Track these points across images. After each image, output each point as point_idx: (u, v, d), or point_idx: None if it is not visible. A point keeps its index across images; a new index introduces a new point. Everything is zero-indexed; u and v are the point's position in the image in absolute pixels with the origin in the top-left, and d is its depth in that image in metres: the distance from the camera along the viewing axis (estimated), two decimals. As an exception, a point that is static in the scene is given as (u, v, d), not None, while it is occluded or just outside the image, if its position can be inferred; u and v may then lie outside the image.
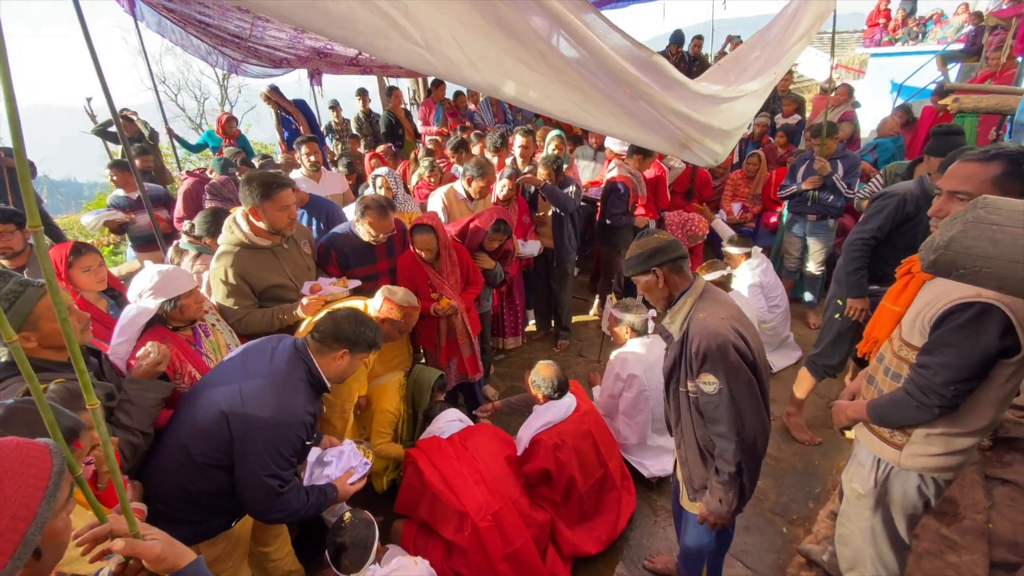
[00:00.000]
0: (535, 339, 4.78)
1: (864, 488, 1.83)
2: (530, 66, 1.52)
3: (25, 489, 0.82)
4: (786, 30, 2.93)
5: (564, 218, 4.16)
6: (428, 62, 1.30)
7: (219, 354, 2.39)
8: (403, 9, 1.21)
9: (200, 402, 1.85)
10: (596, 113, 1.77)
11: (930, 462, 1.64)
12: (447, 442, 2.60)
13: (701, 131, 2.12)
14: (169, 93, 15.46)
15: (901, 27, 10.97)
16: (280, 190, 2.50)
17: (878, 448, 1.77)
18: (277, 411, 1.79)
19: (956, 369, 1.47)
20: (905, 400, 1.59)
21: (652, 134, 2.00)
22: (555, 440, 2.55)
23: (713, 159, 2.33)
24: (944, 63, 8.92)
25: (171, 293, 2.14)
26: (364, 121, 7.12)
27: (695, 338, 1.71)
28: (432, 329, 3.08)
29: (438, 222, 3.06)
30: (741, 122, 2.50)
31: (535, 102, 1.60)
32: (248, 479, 1.77)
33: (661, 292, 1.83)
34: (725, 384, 1.66)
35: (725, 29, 8.93)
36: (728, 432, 1.70)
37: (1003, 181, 1.44)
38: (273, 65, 6.20)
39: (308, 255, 2.89)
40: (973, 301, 1.41)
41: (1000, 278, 0.79)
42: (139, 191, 3.53)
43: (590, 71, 1.68)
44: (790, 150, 5.79)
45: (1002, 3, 8.34)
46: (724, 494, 1.78)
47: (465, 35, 1.35)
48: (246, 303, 2.55)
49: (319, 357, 1.96)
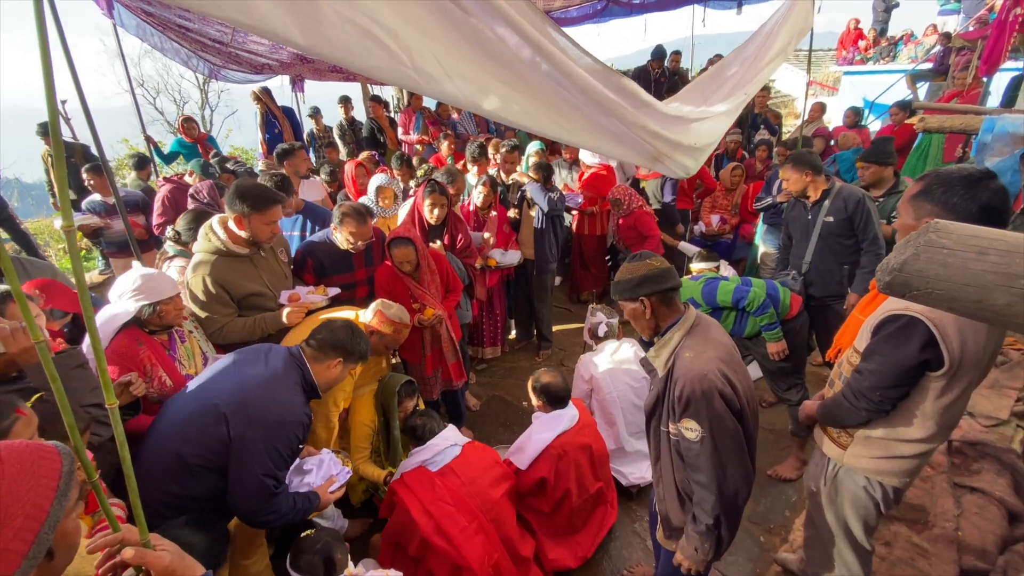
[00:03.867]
0: (516, 349, 4.79)
1: (816, 485, 1.91)
2: (509, 85, 1.59)
3: (37, 489, 0.83)
4: (762, 48, 3.03)
5: (546, 228, 4.20)
6: (415, 82, 1.39)
7: (194, 361, 2.36)
8: (394, 36, 1.31)
9: (193, 404, 1.86)
10: (572, 128, 1.84)
11: (871, 464, 1.71)
12: (440, 480, 2.34)
13: (671, 146, 2.21)
14: (148, 96, 15.20)
15: (873, 47, 11.33)
16: (271, 206, 2.50)
17: (828, 447, 1.85)
18: (277, 409, 1.84)
19: (880, 376, 1.56)
20: (841, 401, 1.69)
21: (625, 147, 2.07)
22: (558, 450, 2.51)
23: (684, 172, 2.43)
24: (913, 82, 9.24)
25: (153, 297, 2.12)
26: (347, 128, 7.09)
27: (679, 380, 1.60)
28: (416, 340, 3.06)
29: (415, 233, 3.05)
30: (711, 139, 2.60)
31: (515, 117, 1.67)
32: (246, 477, 1.78)
33: (648, 322, 1.72)
34: (708, 433, 1.56)
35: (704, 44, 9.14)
36: (708, 482, 1.61)
37: (914, 199, 1.53)
38: (255, 71, 6.15)
39: (285, 263, 2.86)
40: (901, 314, 1.50)
41: (951, 299, 0.83)
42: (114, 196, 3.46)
43: (565, 89, 1.75)
44: (768, 164, 5.94)
45: (968, 25, 8.68)
46: (700, 544, 1.69)
47: (448, 57, 1.43)
48: (226, 311, 2.52)
49: (314, 364, 2.02)
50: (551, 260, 4.34)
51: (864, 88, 10.54)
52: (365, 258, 3.08)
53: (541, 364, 4.52)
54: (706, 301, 3.00)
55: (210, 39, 5.31)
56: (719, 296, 2.96)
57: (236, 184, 2.55)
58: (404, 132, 6.95)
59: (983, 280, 0.81)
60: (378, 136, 6.96)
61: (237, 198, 2.44)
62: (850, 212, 3.14)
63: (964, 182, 1.43)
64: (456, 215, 3.67)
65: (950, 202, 1.43)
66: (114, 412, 0.98)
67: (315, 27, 1.23)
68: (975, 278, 0.81)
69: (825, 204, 3.22)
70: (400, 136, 7.03)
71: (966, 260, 0.82)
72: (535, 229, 4.21)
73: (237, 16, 1.16)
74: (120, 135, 11.30)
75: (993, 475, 2.72)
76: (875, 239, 3.12)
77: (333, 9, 1.24)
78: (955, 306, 0.83)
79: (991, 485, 2.64)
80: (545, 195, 4.11)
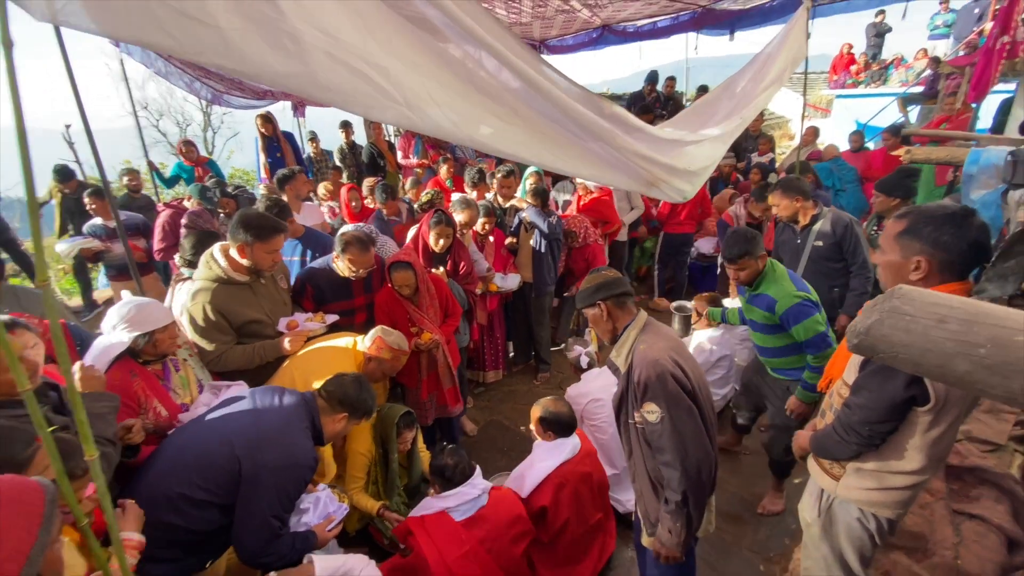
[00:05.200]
0: (515, 372, 4.78)
1: (811, 516, 1.90)
2: (501, 118, 1.63)
3: (26, 516, 0.90)
4: (758, 74, 3.09)
5: (544, 253, 4.23)
6: (409, 119, 1.41)
7: (188, 389, 2.35)
8: (385, 74, 1.33)
9: (207, 439, 1.88)
10: (566, 157, 1.88)
11: (864, 495, 1.71)
12: (466, 534, 2.25)
13: (666, 171, 2.23)
14: (151, 119, 15.40)
15: (864, 71, 11.56)
16: (274, 235, 2.53)
17: (821, 478, 1.85)
18: (290, 452, 1.87)
19: (869, 411, 1.57)
20: (832, 435, 1.70)
21: (620, 174, 2.10)
22: (559, 479, 2.50)
23: (682, 196, 2.45)
24: (904, 105, 9.41)
25: (147, 327, 2.12)
26: (348, 153, 7.18)
27: (637, 368, 1.81)
28: (413, 364, 3.07)
29: (414, 257, 3.08)
30: (707, 163, 2.63)
31: (511, 148, 1.71)
32: (253, 517, 1.80)
33: (606, 325, 1.96)
34: (667, 412, 1.75)
35: (697, 69, 9.31)
36: (672, 460, 1.77)
37: (901, 237, 1.53)
38: (256, 97, 6.26)
39: (284, 290, 2.88)
40: None
41: (915, 364, 0.85)
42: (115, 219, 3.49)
43: (557, 121, 1.79)
44: (763, 187, 6.02)
45: (958, 49, 8.87)
46: (672, 523, 1.84)
47: (441, 92, 1.46)
48: (225, 339, 2.53)
49: (323, 415, 2.07)
50: (549, 283, 4.36)
51: (856, 111, 10.73)
52: (364, 285, 3.11)
53: (539, 387, 4.51)
54: (791, 317, 2.56)
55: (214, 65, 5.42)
56: (805, 323, 2.54)
57: (240, 213, 2.58)
58: (404, 156, 7.03)
59: (944, 347, 0.82)
60: (378, 160, 7.05)
61: (241, 227, 2.47)
62: (839, 236, 3.22)
63: (952, 220, 1.45)
64: (460, 242, 3.70)
65: (940, 240, 1.44)
66: (29, 398, 0.99)
67: (303, 69, 1.25)
68: (936, 345, 0.83)
69: (815, 228, 3.30)
70: (400, 160, 7.11)
71: (927, 327, 0.84)
72: (534, 252, 4.24)
73: (220, 61, 1.18)
74: (122, 157, 11.40)
75: (992, 501, 2.70)
76: (864, 263, 3.18)
77: (322, 51, 1.26)
78: (919, 370, 0.85)
79: (990, 512, 2.62)
80: (544, 218, 4.16)
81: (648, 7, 5.67)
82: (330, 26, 1.24)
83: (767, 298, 2.62)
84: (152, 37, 1.09)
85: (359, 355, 2.64)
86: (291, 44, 1.21)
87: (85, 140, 2.88)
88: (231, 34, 1.13)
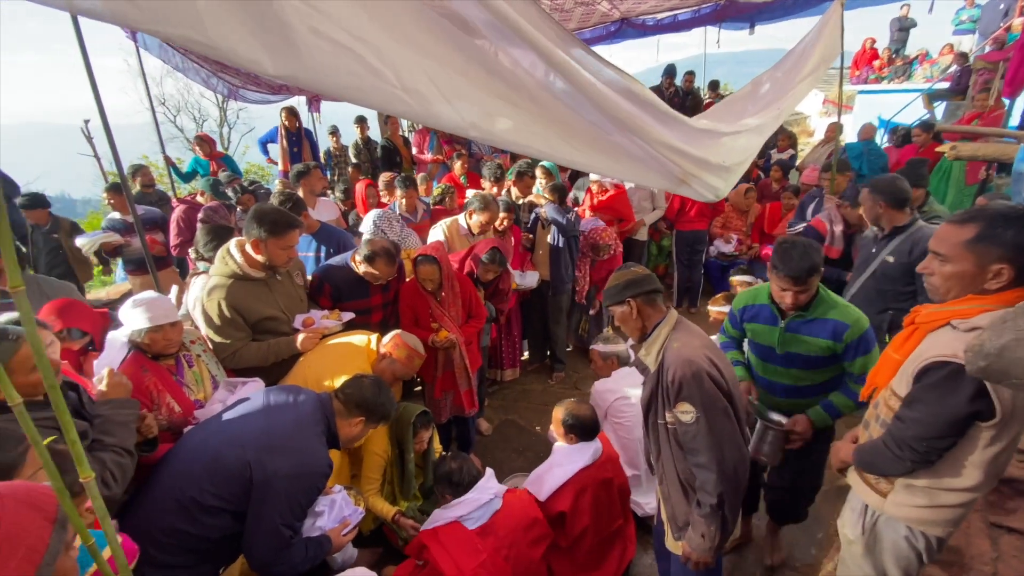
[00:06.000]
0: (530, 370, 4.72)
1: (853, 534, 1.79)
2: (517, 106, 1.49)
3: (37, 522, 0.89)
4: (795, 66, 2.97)
5: (562, 249, 4.16)
6: (407, 104, 1.27)
7: (202, 385, 2.32)
8: (376, 52, 1.18)
9: (219, 444, 1.84)
10: (589, 153, 1.76)
11: (914, 513, 1.61)
12: (482, 543, 2.16)
13: (698, 165, 2.10)
14: (168, 114, 15.56)
15: (887, 66, 11.28)
16: (289, 230, 2.49)
17: (865, 493, 1.74)
18: (302, 460, 1.82)
19: (926, 426, 1.46)
20: (882, 450, 1.59)
21: (647, 171, 1.99)
22: (579, 484, 2.43)
23: (714, 195, 2.28)
24: (930, 101, 9.16)
25: (158, 320, 2.08)
26: (362, 148, 7.15)
27: (670, 367, 1.74)
28: (429, 361, 3.02)
29: (442, 253, 3.03)
30: (743, 157, 2.48)
31: (525, 140, 1.57)
32: (264, 526, 1.76)
33: (635, 323, 1.88)
34: (702, 412, 1.68)
35: (713, 64, 9.14)
36: (708, 462, 1.71)
37: (976, 245, 1.41)
38: (272, 91, 6.25)
39: (300, 287, 2.85)
40: (947, 361, 1.40)
41: None
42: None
43: (581, 108, 1.66)
44: (784, 184, 5.88)
45: (985, 45, 8.61)
46: (706, 528, 1.77)
47: (444, 76, 1.33)
48: (240, 336, 2.49)
49: (339, 418, 2.02)
50: (566, 280, 4.29)
51: (879, 107, 10.48)
52: (382, 285, 3.06)
53: (554, 387, 4.45)
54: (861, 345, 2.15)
55: (230, 60, 5.42)
56: (873, 353, 2.14)
57: (254, 208, 2.55)
58: (418, 151, 6.99)
59: None
60: (393, 156, 7.01)
61: (255, 223, 2.44)
62: (914, 258, 2.72)
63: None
64: (507, 271, 3.64)
65: (1022, 243, 1.33)
66: (20, 412, 0.93)
67: (284, 47, 1.09)
68: None
69: (893, 242, 2.84)
70: (414, 156, 7.07)
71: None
72: (552, 249, 4.17)
73: (189, 33, 1.01)
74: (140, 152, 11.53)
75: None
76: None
77: (306, 25, 1.10)
78: None
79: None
80: (563, 215, 4.08)
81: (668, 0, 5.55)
82: (334, 13, 1.13)
83: (833, 324, 2.13)
84: (115, 7, 0.93)
85: (373, 354, 2.60)
86: (271, 18, 1.07)
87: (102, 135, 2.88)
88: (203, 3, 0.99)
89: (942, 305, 1.54)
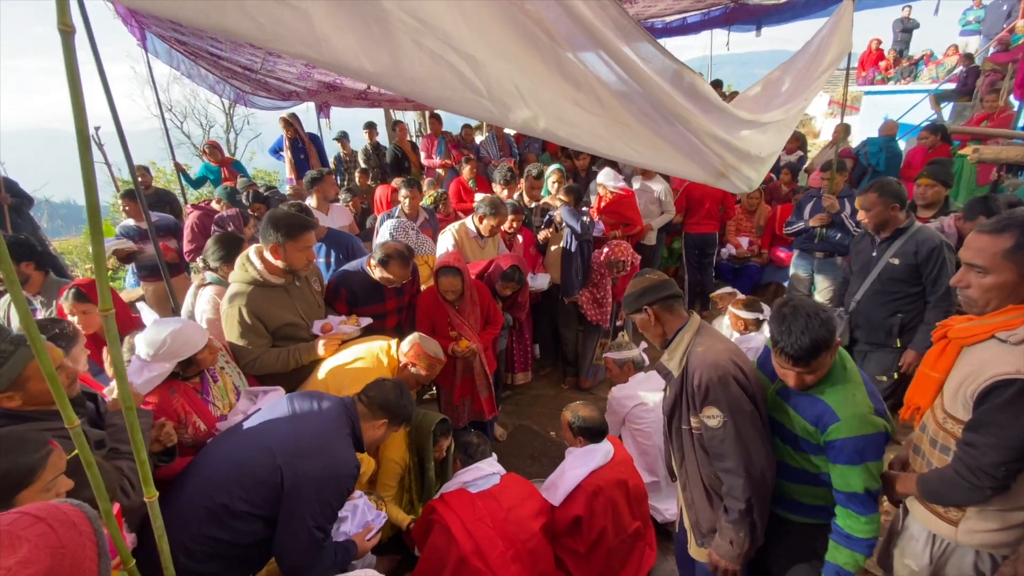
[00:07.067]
0: (542, 374, 4.71)
1: (918, 565, 1.71)
2: (583, 107, 1.54)
3: (84, 543, 0.86)
4: (812, 62, 2.96)
5: (574, 252, 4.15)
6: (490, 112, 1.34)
7: (227, 399, 2.32)
8: (472, 64, 1.25)
9: (247, 450, 1.85)
10: (640, 148, 1.78)
11: (987, 538, 1.54)
12: (481, 502, 2.32)
13: (739, 157, 2.12)
14: (175, 120, 15.63)
15: (893, 67, 11.27)
16: (305, 232, 2.50)
17: (933, 524, 1.64)
18: (331, 461, 1.84)
19: (1004, 450, 1.38)
20: (955, 480, 1.49)
21: (691, 164, 2.00)
22: (593, 487, 2.43)
23: (748, 186, 2.31)
24: (937, 102, 9.13)
25: (185, 354, 2.04)
26: (372, 154, 7.18)
27: (695, 372, 1.71)
28: (448, 367, 3.02)
29: (464, 264, 3.03)
30: (772, 149, 2.50)
31: (587, 142, 1.62)
32: (297, 530, 1.77)
33: (655, 329, 1.88)
34: (729, 417, 1.66)
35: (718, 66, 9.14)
36: (735, 467, 1.68)
37: (1016, 254, 1.38)
38: (282, 97, 6.26)
39: (318, 292, 2.86)
40: (1014, 378, 1.34)
41: None
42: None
43: (635, 103, 1.69)
44: (793, 186, 5.87)
45: (989, 47, 8.60)
46: (735, 534, 1.74)
47: (526, 82, 1.38)
48: (261, 342, 2.50)
49: (363, 420, 2.04)
50: (577, 284, 4.28)
51: (885, 108, 10.45)
52: (396, 290, 3.06)
53: (567, 391, 4.44)
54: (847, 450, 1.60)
55: (240, 66, 5.44)
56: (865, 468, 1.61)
57: (269, 214, 2.55)
58: (427, 156, 7.01)
59: None
60: (402, 161, 7.04)
61: (271, 228, 2.44)
62: (920, 259, 2.72)
63: None
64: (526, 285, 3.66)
65: None
66: (77, 432, 0.94)
67: (388, 60, 1.16)
68: None
69: (895, 243, 2.83)
70: (423, 161, 7.09)
71: None
72: (564, 251, 4.16)
73: (304, 50, 1.08)
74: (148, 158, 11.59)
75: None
76: (946, 294, 2.70)
77: (411, 39, 1.17)
78: None
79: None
80: (578, 218, 4.07)
81: (679, 3, 5.56)
82: (422, 10, 1.17)
83: (821, 406, 1.64)
84: (238, 23, 0.99)
85: (393, 361, 2.59)
86: (378, 28, 1.13)
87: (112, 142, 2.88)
88: (319, 19, 1.05)
89: (978, 318, 1.50)
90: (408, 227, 3.36)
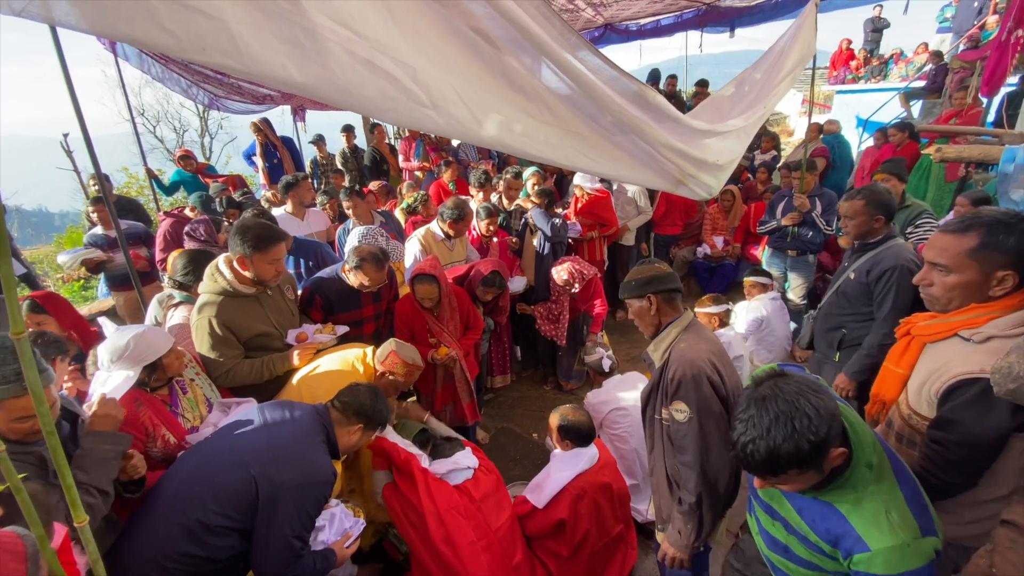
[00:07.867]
0: (523, 377, 4.70)
1: None
2: (534, 116, 1.53)
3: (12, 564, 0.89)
4: (774, 66, 3.00)
5: (546, 254, 4.16)
6: (434, 121, 1.30)
7: (198, 411, 2.26)
8: (411, 74, 1.21)
9: (216, 462, 1.81)
10: (595, 157, 1.79)
11: (958, 531, 1.56)
12: (457, 494, 2.37)
13: (696, 165, 2.15)
14: (148, 125, 15.30)
15: (863, 66, 11.51)
16: (274, 244, 2.44)
17: None
18: (308, 469, 1.82)
19: (970, 447, 1.40)
20: (924, 477, 1.49)
21: (648, 172, 2.02)
22: (577, 490, 2.43)
23: (707, 192, 2.36)
24: (907, 100, 9.35)
25: (150, 358, 2.00)
26: (349, 157, 7.11)
27: (673, 365, 1.77)
28: (428, 374, 3.00)
29: (439, 270, 3.01)
30: (732, 157, 2.53)
31: (539, 151, 1.61)
32: (275, 540, 1.74)
33: (652, 319, 1.91)
34: (696, 414, 1.71)
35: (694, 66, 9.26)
36: (693, 462, 1.75)
37: (979, 254, 1.39)
38: (256, 101, 6.19)
39: (292, 301, 2.81)
40: (976, 378, 1.36)
41: None
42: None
43: (588, 114, 1.69)
44: (768, 185, 5.97)
45: (959, 44, 8.82)
46: (683, 525, 1.82)
47: (471, 92, 1.35)
48: (233, 353, 2.45)
49: (337, 427, 2.01)
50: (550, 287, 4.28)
51: (856, 106, 10.69)
52: (373, 295, 3.03)
53: (550, 392, 4.44)
54: None
55: (212, 71, 5.35)
56: None
57: (237, 224, 2.49)
58: (405, 159, 6.97)
59: None
60: (380, 164, 6.98)
61: (239, 238, 2.38)
62: (872, 278, 2.47)
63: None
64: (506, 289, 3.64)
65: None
66: (84, 531, 0.94)
67: (320, 71, 1.10)
68: None
69: (863, 257, 2.56)
70: (401, 164, 7.05)
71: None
72: (536, 255, 4.17)
73: (225, 60, 1.01)
74: (119, 164, 11.34)
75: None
76: (886, 319, 2.41)
77: (343, 48, 1.11)
78: None
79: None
80: (548, 221, 4.08)
81: (652, 5, 5.61)
82: (353, 20, 1.12)
83: (837, 521, 1.24)
84: (148, 34, 0.92)
85: (369, 369, 2.57)
86: (307, 41, 1.08)
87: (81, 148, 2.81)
88: (238, 28, 0.99)
89: (941, 315, 1.52)
90: (377, 233, 3.33)
